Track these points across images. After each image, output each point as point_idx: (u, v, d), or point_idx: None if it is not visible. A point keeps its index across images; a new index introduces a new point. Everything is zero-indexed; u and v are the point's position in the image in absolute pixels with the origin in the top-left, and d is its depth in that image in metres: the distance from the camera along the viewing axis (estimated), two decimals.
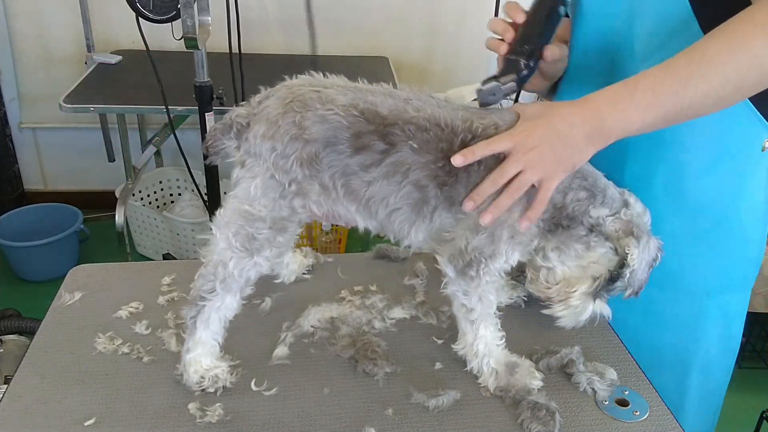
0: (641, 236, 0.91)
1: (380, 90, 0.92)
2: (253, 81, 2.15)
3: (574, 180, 0.92)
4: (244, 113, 0.92)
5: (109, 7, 2.90)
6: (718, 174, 1.00)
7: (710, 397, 1.16)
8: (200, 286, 0.94)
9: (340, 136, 0.88)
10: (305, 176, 0.90)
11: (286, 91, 0.91)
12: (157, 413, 0.90)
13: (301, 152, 0.89)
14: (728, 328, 1.11)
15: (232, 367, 0.96)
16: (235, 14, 2.05)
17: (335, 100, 0.89)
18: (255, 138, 0.90)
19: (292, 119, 0.88)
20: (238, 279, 0.93)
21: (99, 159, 3.15)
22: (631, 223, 0.92)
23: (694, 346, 1.10)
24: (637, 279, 0.93)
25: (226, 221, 0.92)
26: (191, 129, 2.69)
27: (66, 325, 1.06)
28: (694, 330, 1.09)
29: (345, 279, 1.20)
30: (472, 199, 0.88)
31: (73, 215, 2.89)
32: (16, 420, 0.88)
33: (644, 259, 0.92)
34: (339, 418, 0.90)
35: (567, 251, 0.95)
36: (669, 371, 1.10)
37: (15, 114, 3.13)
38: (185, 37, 1.77)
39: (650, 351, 1.09)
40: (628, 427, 0.91)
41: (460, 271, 0.93)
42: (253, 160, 0.91)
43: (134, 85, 2.58)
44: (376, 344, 1.01)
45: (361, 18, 3.05)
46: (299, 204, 0.92)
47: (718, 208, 1.02)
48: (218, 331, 0.95)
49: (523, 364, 0.96)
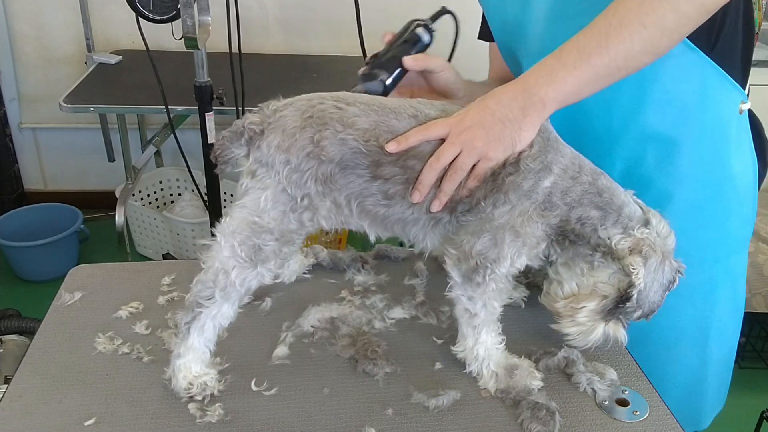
0: (651, 255, 0.89)
1: (405, 109, 0.90)
2: (253, 81, 2.15)
3: (585, 196, 0.90)
4: (257, 121, 0.89)
5: (109, 7, 2.90)
6: (706, 144, 1.02)
7: (726, 362, 1.18)
8: (198, 292, 0.91)
9: (358, 162, 0.88)
10: (318, 193, 0.89)
11: (306, 104, 0.89)
12: (157, 413, 0.90)
13: (316, 170, 0.87)
14: (735, 289, 1.14)
15: (222, 372, 0.95)
16: (235, 14, 2.04)
17: (355, 123, 0.87)
18: (269, 148, 0.88)
19: (310, 135, 0.87)
20: (239, 288, 0.90)
21: (99, 159, 3.15)
22: (642, 242, 0.89)
23: (709, 314, 1.11)
24: (648, 301, 0.90)
25: (233, 230, 0.89)
26: (191, 129, 2.69)
27: (66, 325, 1.06)
28: (708, 298, 1.10)
29: (345, 279, 1.20)
30: (417, 189, 0.89)
31: (73, 215, 2.89)
32: (16, 420, 0.88)
33: (656, 280, 0.89)
34: (339, 418, 0.90)
35: (574, 268, 0.95)
36: (690, 344, 1.12)
37: (15, 114, 3.13)
38: (185, 37, 1.77)
39: (671, 329, 1.11)
40: (628, 427, 0.91)
41: (466, 276, 0.92)
42: (265, 171, 0.89)
43: (134, 85, 2.58)
44: (376, 344, 1.01)
45: (361, 18, 3.04)
46: (308, 218, 0.90)
47: (712, 177, 1.04)
48: (211, 338, 0.93)
49: (523, 365, 0.96)
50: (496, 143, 0.87)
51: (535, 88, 0.87)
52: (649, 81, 0.99)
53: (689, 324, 1.12)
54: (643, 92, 1.00)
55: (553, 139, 0.91)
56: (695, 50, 0.96)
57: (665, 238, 0.92)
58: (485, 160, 0.88)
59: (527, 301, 1.13)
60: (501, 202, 0.89)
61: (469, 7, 1.23)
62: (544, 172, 0.89)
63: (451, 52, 1.21)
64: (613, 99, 1.02)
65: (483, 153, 0.87)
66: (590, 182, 0.91)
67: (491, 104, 0.88)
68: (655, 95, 1.00)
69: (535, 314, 1.10)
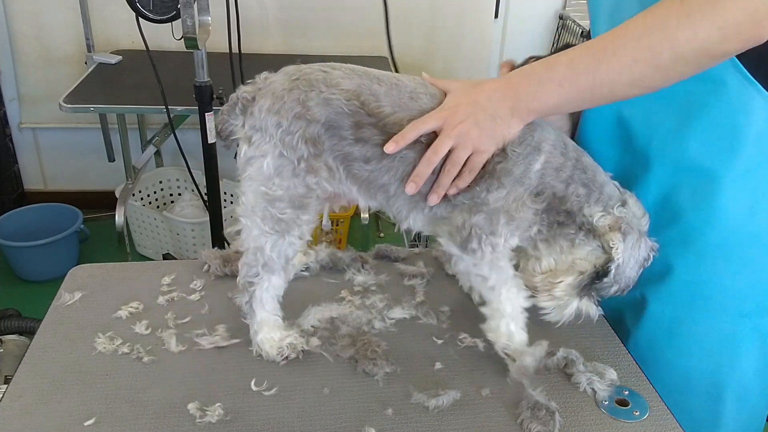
0: (630, 232, 0.91)
1: (387, 79, 0.93)
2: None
3: (575, 171, 0.93)
4: (249, 89, 0.93)
5: (109, 7, 2.90)
6: (750, 183, 0.93)
7: (749, 424, 1.08)
8: (245, 273, 0.97)
9: (341, 122, 0.90)
10: (311, 154, 0.91)
11: (294, 69, 0.93)
12: (157, 413, 0.90)
13: (304, 131, 0.90)
14: (765, 351, 1.02)
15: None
16: (235, 14, 2.04)
17: (340, 84, 0.90)
18: (260, 112, 0.91)
19: (296, 97, 0.89)
20: (277, 260, 0.96)
21: (99, 159, 3.15)
22: (621, 219, 0.92)
23: (727, 370, 1.02)
24: (624, 276, 0.93)
25: (251, 208, 0.94)
26: (191, 129, 2.68)
27: (66, 325, 1.06)
28: (727, 353, 1.01)
29: (345, 279, 1.20)
30: (413, 182, 0.91)
31: (73, 215, 2.88)
32: (16, 420, 0.88)
33: (632, 257, 0.92)
34: (339, 418, 0.90)
35: (554, 245, 0.96)
36: (701, 395, 1.04)
37: (15, 114, 3.13)
38: (185, 37, 1.76)
39: (679, 374, 1.04)
40: (628, 427, 0.91)
41: (462, 246, 0.93)
42: (260, 136, 0.92)
43: (134, 85, 2.58)
44: (376, 344, 1.01)
45: (361, 18, 3.05)
46: (312, 181, 0.93)
47: (750, 225, 0.95)
48: (275, 307, 1.00)
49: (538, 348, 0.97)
50: (487, 138, 0.89)
51: (524, 95, 0.88)
52: (697, 107, 0.93)
53: (699, 374, 1.03)
54: (688, 118, 0.94)
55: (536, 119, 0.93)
56: (753, 83, 0.89)
57: (640, 219, 0.94)
58: (478, 153, 0.90)
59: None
60: (495, 187, 0.91)
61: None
62: (533, 154, 0.91)
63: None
64: (657, 120, 0.98)
65: (476, 146, 0.89)
66: (576, 158, 0.94)
67: (482, 100, 0.90)
68: (701, 123, 0.93)
69: (535, 315, 1.10)
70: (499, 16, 3.16)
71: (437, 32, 3.13)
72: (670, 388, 1.00)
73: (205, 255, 1.21)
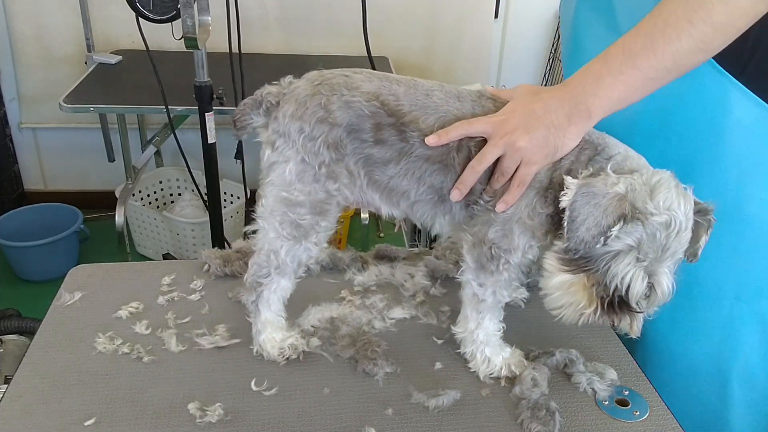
0: (594, 185, 0.81)
1: (406, 81, 0.93)
2: (253, 81, 2.15)
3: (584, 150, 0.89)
4: (274, 92, 0.94)
5: (109, 7, 2.89)
6: (733, 172, 0.94)
7: (758, 407, 1.07)
8: (255, 272, 0.98)
9: (362, 124, 0.90)
10: (332, 159, 0.92)
11: (317, 74, 0.94)
12: (157, 413, 0.90)
13: (327, 135, 0.90)
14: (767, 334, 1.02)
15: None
16: (235, 14, 2.04)
17: (360, 87, 0.91)
18: (284, 117, 0.92)
19: (319, 101, 0.90)
20: (290, 264, 0.97)
21: (99, 159, 3.15)
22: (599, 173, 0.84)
23: (730, 354, 1.03)
24: (576, 235, 0.81)
25: (270, 210, 0.95)
26: (191, 129, 2.68)
27: (66, 325, 1.06)
28: (728, 337, 1.02)
29: (345, 279, 1.20)
30: (457, 189, 0.91)
31: (73, 215, 2.88)
32: (16, 420, 0.88)
33: (591, 214, 0.80)
34: (339, 418, 0.90)
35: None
36: (707, 381, 1.05)
37: (15, 114, 3.13)
38: (185, 37, 1.76)
39: (683, 361, 1.05)
40: (628, 427, 0.91)
41: (480, 262, 0.93)
42: (283, 141, 0.92)
43: (134, 85, 2.58)
44: (376, 344, 1.01)
45: (361, 18, 3.04)
46: (333, 187, 0.93)
47: (739, 209, 0.96)
48: (279, 309, 1.00)
49: (514, 354, 0.98)
50: (538, 149, 0.86)
51: (582, 96, 0.85)
52: (675, 104, 0.95)
53: (703, 359, 1.04)
54: (667, 114, 0.96)
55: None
56: (722, 72, 0.91)
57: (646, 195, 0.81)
58: (527, 164, 0.87)
59: (527, 301, 1.13)
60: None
61: None
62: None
63: None
64: (635, 123, 0.99)
65: (527, 158, 0.86)
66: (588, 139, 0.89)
67: (537, 108, 0.87)
68: (680, 119, 0.95)
69: (535, 314, 1.10)
70: (499, 16, 3.17)
71: (437, 32, 3.13)
72: (677, 375, 1.01)
73: (205, 255, 1.21)
